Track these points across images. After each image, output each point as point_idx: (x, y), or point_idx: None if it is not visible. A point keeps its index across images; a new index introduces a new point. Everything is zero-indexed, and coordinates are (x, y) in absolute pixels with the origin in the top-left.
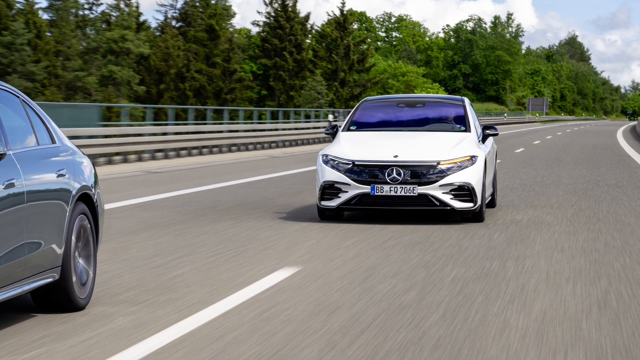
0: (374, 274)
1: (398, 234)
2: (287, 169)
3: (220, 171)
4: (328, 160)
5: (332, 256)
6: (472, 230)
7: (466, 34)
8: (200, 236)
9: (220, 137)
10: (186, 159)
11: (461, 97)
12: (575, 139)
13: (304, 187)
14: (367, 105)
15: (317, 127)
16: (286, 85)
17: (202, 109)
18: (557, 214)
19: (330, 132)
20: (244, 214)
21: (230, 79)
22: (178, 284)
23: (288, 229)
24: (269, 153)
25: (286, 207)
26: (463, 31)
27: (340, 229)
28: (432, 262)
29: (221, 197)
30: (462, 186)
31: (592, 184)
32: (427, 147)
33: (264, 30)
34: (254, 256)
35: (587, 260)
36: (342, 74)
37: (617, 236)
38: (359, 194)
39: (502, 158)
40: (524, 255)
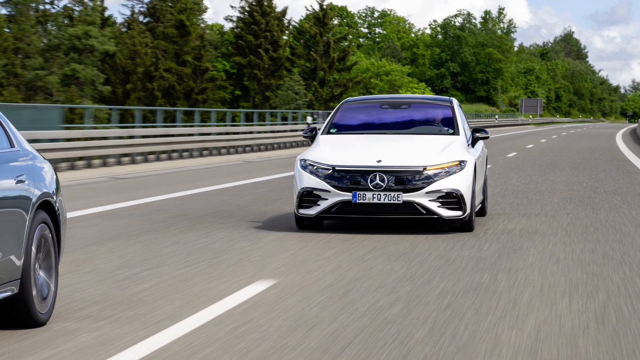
0: (355, 287)
1: (381, 244)
2: (262, 174)
3: (191, 177)
4: (306, 166)
5: (310, 268)
6: (460, 240)
7: (454, 30)
8: (170, 247)
9: (191, 140)
10: (154, 164)
11: (449, 97)
12: (572, 143)
13: (281, 194)
14: (349, 106)
15: (294, 129)
16: (261, 85)
17: (172, 110)
18: (552, 223)
19: (309, 135)
20: (216, 223)
21: (202, 78)
22: (146, 298)
23: (264, 239)
24: (243, 157)
25: (262, 216)
26: (451, 27)
27: (320, 239)
28: (417, 274)
29: (192, 204)
30: (450, 193)
31: (589, 190)
32: (413, 151)
33: (238, 26)
34: (227, 268)
35: (584, 272)
36: (322, 73)
37: (616, 247)
38: (340, 202)
39: (493, 163)
40: (517, 267)
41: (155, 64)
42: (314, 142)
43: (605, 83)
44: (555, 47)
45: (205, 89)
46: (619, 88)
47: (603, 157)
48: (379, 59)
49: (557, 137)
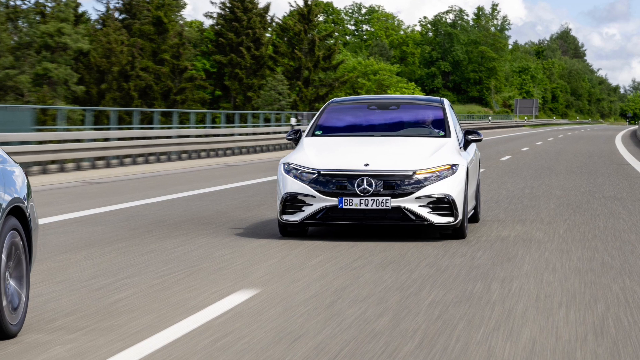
0: (341, 297)
1: (369, 252)
2: (244, 179)
3: (168, 181)
4: (290, 170)
5: (294, 277)
6: (452, 248)
7: (446, 27)
8: (147, 255)
9: (169, 143)
10: (130, 167)
11: (440, 98)
12: (569, 146)
13: (263, 200)
14: (335, 107)
15: (277, 132)
16: (243, 84)
17: (149, 111)
18: (548, 229)
19: (293, 137)
20: (195, 230)
21: (180, 77)
22: (121, 309)
23: (245, 247)
24: (223, 161)
25: (243, 222)
26: (442, 24)
27: (304, 247)
28: (407, 284)
29: (170, 210)
30: (441, 198)
31: (587, 196)
32: (402, 154)
33: (218, 23)
34: (207, 277)
35: (581, 281)
36: (306, 72)
37: (616, 255)
38: (325, 208)
39: (486, 167)
40: (511, 277)
41: (131, 62)
42: (298, 144)
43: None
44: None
45: (184, 89)
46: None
47: (602, 160)
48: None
49: (554, 140)
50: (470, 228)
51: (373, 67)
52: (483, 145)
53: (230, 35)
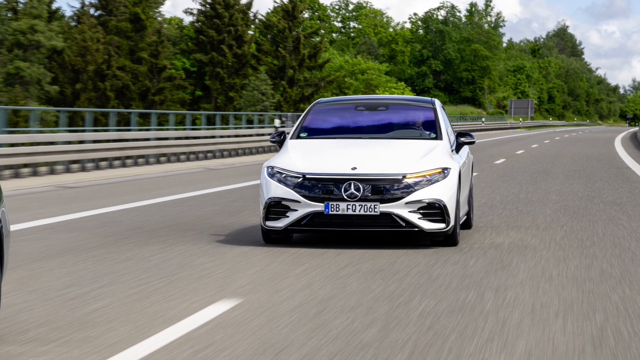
0: (328, 307)
1: (357, 260)
2: (225, 183)
3: (147, 186)
4: (274, 173)
5: (278, 286)
6: (444, 255)
7: (437, 24)
8: (124, 263)
9: (147, 145)
10: (107, 171)
11: (431, 98)
12: (566, 148)
13: (246, 205)
14: (321, 108)
15: (261, 133)
16: (225, 84)
17: (126, 112)
18: (544, 236)
19: (277, 139)
20: (174, 237)
21: (159, 77)
22: (97, 319)
23: (227, 255)
24: (204, 164)
25: (225, 229)
26: (433, 21)
27: (289, 254)
28: (396, 293)
29: (148, 216)
30: (432, 204)
31: (585, 201)
32: (391, 157)
33: (199, 20)
34: (187, 286)
35: (579, 291)
36: (291, 71)
37: (615, 263)
38: (311, 213)
39: (479, 170)
40: (505, 285)
41: (107, 61)
42: (282, 147)
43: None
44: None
45: (162, 89)
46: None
47: (600, 164)
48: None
49: (550, 142)
50: (463, 235)
51: (361, 66)
52: (476, 148)
53: (211, 33)
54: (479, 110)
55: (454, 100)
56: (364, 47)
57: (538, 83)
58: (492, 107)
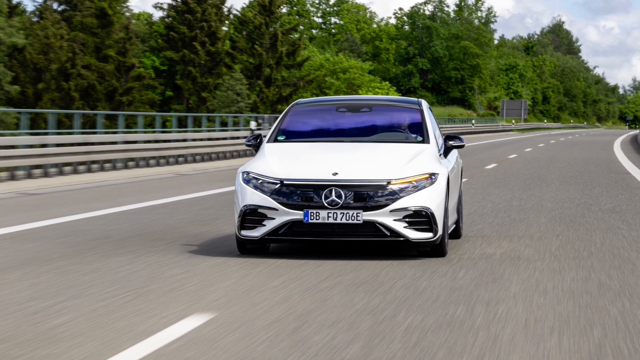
0: (307, 322)
1: (338, 271)
2: (198, 189)
3: (114, 192)
4: (250, 179)
5: (255, 300)
6: (431, 267)
7: (424, 19)
8: (89, 275)
9: (114, 149)
10: (71, 177)
11: (418, 99)
12: (562, 152)
13: (220, 213)
14: (299, 109)
15: (236, 137)
16: (197, 84)
17: (91, 114)
18: (538, 246)
19: (253, 143)
20: (144, 247)
21: (127, 76)
22: (61, 335)
23: (199, 266)
24: (175, 169)
25: (197, 238)
26: (420, 16)
27: (265, 266)
28: (380, 307)
29: (115, 225)
30: (419, 212)
31: (582, 208)
32: (375, 162)
33: (169, 15)
34: (157, 300)
35: (576, 305)
36: (268, 70)
37: (614, 275)
38: (289, 222)
39: (469, 176)
40: (497, 299)
41: (72, 59)
42: (258, 151)
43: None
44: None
45: (130, 89)
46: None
47: (598, 169)
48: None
49: (545, 146)
50: (451, 245)
51: (342, 65)
52: (466, 152)
53: (182, 29)
54: (468, 111)
55: (442, 101)
56: (346, 44)
57: (532, 83)
58: (482, 109)
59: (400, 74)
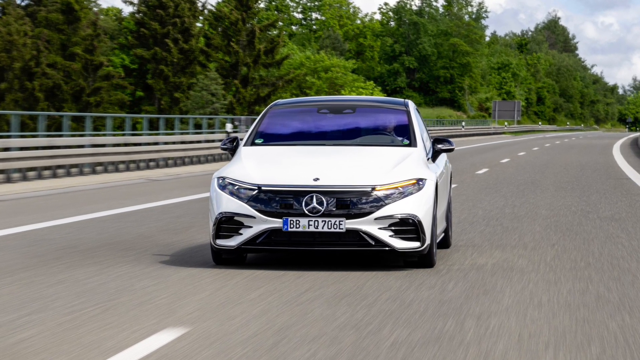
0: (287, 337)
1: (319, 283)
2: (170, 196)
3: (81, 199)
4: (225, 185)
5: (230, 313)
6: (418, 278)
7: (411, 15)
8: (55, 286)
9: (81, 153)
10: (35, 182)
11: (404, 100)
12: (557, 156)
13: (194, 221)
14: (278, 110)
15: (210, 140)
16: (169, 84)
17: (57, 116)
18: (532, 256)
19: (229, 146)
20: (112, 257)
21: (95, 75)
22: (24, 351)
23: (172, 277)
24: (146, 175)
25: (169, 248)
26: (406, 12)
27: (242, 277)
28: (365, 321)
29: (82, 233)
30: (406, 219)
31: (579, 216)
32: (359, 167)
33: (140, 11)
34: (127, 313)
35: (572, 318)
36: (245, 68)
37: (613, 287)
38: (267, 230)
39: (459, 182)
40: (489, 312)
41: (36, 57)
42: (234, 155)
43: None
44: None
45: (98, 89)
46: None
47: (597, 174)
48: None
49: (539, 149)
50: (440, 255)
51: (324, 63)
52: (455, 156)
53: (153, 25)
54: (458, 113)
55: (430, 101)
56: (328, 41)
57: (526, 82)
58: (473, 110)
59: (385, 73)
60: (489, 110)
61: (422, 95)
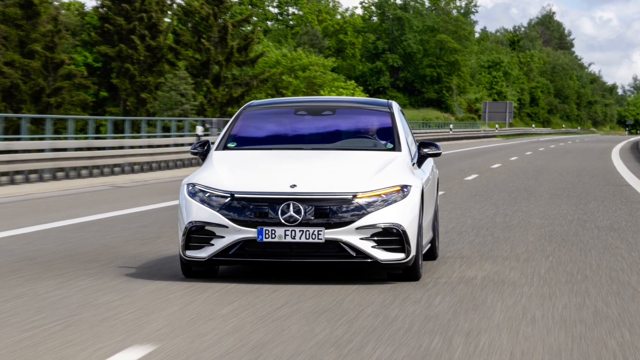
0: (262, 355)
1: (297, 297)
2: (137, 204)
3: (40, 207)
4: (196, 192)
5: (201, 330)
6: (403, 292)
7: (394, 9)
8: (12, 301)
9: (41, 158)
10: None
11: (388, 100)
12: (552, 161)
13: (162, 231)
14: (253, 112)
15: (180, 143)
16: (135, 83)
17: (15, 117)
18: (525, 269)
19: (199, 151)
20: (74, 270)
21: (55, 74)
22: None
23: (138, 291)
24: (110, 181)
25: (135, 260)
26: (390, 6)
27: (214, 291)
28: (345, 338)
29: (42, 244)
30: (389, 229)
31: (576, 225)
32: (339, 173)
33: (104, 5)
34: (90, 330)
35: (568, 335)
36: (217, 67)
37: (612, 301)
38: (241, 241)
39: (446, 189)
40: (478, 329)
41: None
42: (205, 160)
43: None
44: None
45: (59, 89)
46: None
47: (594, 180)
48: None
49: (533, 154)
50: (426, 267)
51: (302, 61)
52: (443, 160)
53: (119, 21)
54: (446, 115)
55: (415, 102)
56: (306, 38)
57: (518, 82)
58: (461, 112)
59: (367, 72)
60: (479, 112)
61: (406, 96)
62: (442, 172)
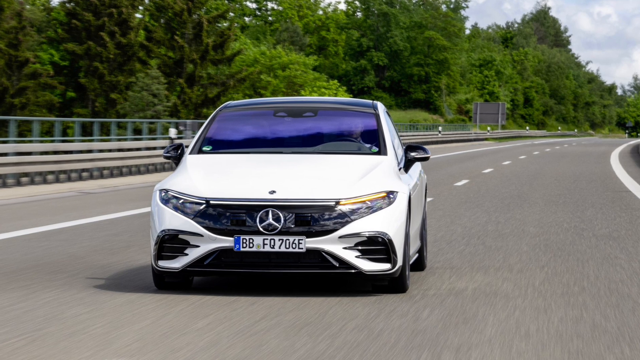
0: None
1: (276, 310)
2: (106, 211)
3: (4, 215)
4: (169, 199)
5: (175, 345)
6: (389, 304)
7: (380, 5)
8: None
9: (4, 162)
10: None
11: (373, 101)
12: (548, 166)
13: (133, 240)
14: (229, 114)
15: (152, 147)
16: (105, 83)
17: None
18: (519, 280)
19: (173, 154)
20: (40, 281)
21: (20, 73)
22: None
23: (108, 304)
24: (78, 187)
25: (105, 270)
26: (375, 1)
27: (188, 303)
28: (328, 354)
29: (6, 254)
30: (374, 238)
31: (572, 234)
32: (321, 178)
33: (71, 0)
34: (56, 345)
35: (564, 351)
36: (191, 66)
37: (611, 314)
38: (217, 250)
39: (435, 195)
40: (469, 344)
41: None
42: (179, 165)
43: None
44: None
45: (24, 89)
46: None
47: (592, 186)
48: (272, 47)
49: (527, 158)
50: (414, 278)
51: (281, 60)
52: (431, 165)
53: (87, 17)
54: (434, 116)
55: (402, 103)
56: (286, 34)
57: (511, 81)
58: (451, 113)
59: (351, 71)
60: (470, 113)
61: (393, 96)
62: (430, 177)
